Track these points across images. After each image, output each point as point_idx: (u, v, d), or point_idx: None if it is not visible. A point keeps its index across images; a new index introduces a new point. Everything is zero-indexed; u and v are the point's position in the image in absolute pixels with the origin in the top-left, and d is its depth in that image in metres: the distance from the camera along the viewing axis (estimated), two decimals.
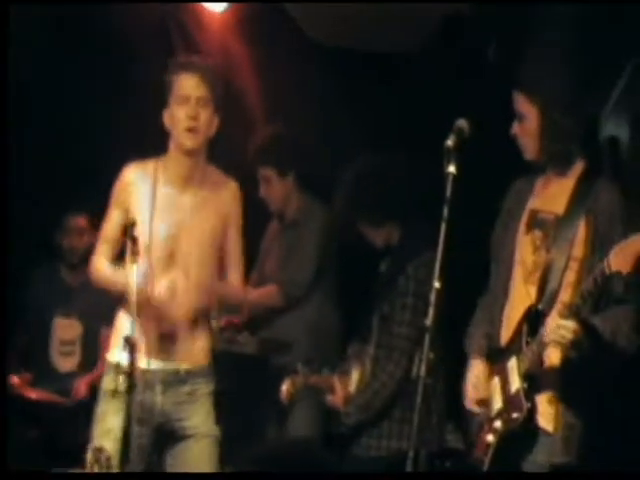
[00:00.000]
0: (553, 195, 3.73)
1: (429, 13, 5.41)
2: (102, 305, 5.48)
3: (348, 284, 5.24)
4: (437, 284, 3.44)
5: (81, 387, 5.58)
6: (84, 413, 5.37)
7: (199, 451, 4.07)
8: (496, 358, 3.75)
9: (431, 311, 3.45)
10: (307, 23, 5.74)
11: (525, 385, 3.58)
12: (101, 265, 4.13)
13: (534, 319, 3.62)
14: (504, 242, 3.82)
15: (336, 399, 4.52)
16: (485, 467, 3.64)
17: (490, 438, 3.64)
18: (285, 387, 4.75)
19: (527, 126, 3.69)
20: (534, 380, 3.60)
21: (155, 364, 4.03)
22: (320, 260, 5.21)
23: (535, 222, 3.73)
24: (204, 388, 4.12)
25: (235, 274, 4.22)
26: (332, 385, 4.54)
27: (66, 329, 5.75)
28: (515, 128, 3.73)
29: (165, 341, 4.05)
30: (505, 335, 3.73)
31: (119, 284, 3.95)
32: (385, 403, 4.34)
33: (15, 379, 5.38)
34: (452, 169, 3.46)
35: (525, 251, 3.73)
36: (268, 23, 5.67)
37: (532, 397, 3.58)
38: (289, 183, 5.25)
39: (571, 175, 3.72)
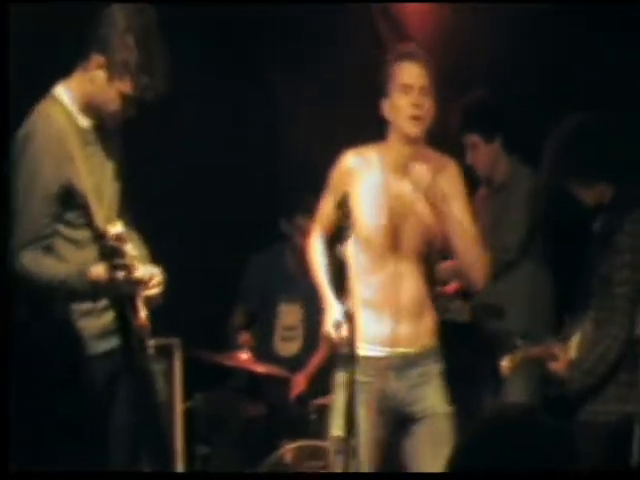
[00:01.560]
0: None
1: None
2: None
3: (559, 246, 5.17)
4: None
5: (300, 382, 5.66)
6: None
7: (437, 430, 4.06)
8: None
9: None
10: None
11: None
12: (314, 244, 4.24)
13: None
14: None
15: (559, 366, 4.45)
16: None
17: None
18: (505, 363, 4.69)
19: None
20: None
21: (384, 350, 4.06)
22: (530, 223, 5.15)
23: None
24: (434, 369, 4.13)
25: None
26: (553, 353, 4.48)
27: (289, 315, 5.88)
28: None
29: (391, 326, 4.06)
30: None
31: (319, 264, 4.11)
32: (610, 367, 4.26)
33: (243, 355, 5.53)
34: None
35: None
36: None
37: None
38: (496, 148, 5.21)
39: None
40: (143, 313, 3.73)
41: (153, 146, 5.37)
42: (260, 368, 5.51)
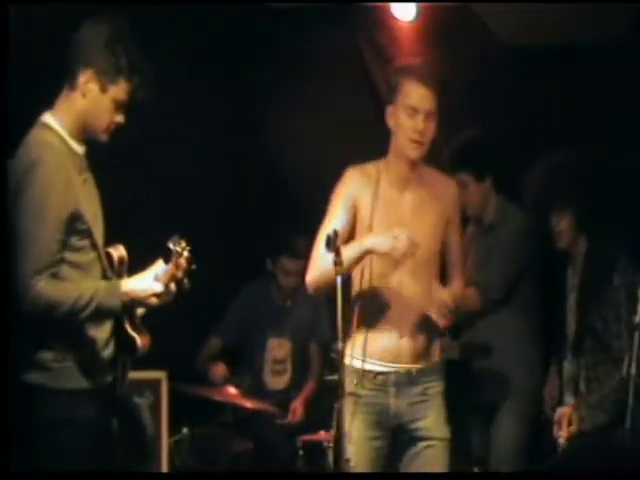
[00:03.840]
0: None
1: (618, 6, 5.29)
2: (311, 323, 5.77)
3: (550, 287, 5.17)
4: None
5: (298, 409, 5.73)
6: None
7: (433, 455, 4.07)
8: None
9: None
10: (496, 23, 5.69)
11: None
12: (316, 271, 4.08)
13: None
14: None
15: (564, 433, 4.28)
16: None
17: None
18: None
19: None
20: None
21: (386, 366, 4.06)
22: (519, 263, 5.15)
23: None
24: (435, 387, 4.12)
25: (458, 274, 4.25)
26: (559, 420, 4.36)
27: (278, 349, 5.92)
28: None
29: (394, 342, 4.06)
30: None
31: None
32: (616, 406, 4.18)
33: (231, 389, 5.53)
34: None
35: None
36: (458, 27, 5.65)
37: None
38: (486, 187, 5.23)
39: None
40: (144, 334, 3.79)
41: (136, 177, 5.40)
42: (248, 403, 5.49)
